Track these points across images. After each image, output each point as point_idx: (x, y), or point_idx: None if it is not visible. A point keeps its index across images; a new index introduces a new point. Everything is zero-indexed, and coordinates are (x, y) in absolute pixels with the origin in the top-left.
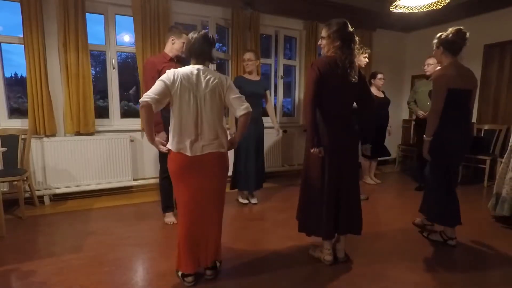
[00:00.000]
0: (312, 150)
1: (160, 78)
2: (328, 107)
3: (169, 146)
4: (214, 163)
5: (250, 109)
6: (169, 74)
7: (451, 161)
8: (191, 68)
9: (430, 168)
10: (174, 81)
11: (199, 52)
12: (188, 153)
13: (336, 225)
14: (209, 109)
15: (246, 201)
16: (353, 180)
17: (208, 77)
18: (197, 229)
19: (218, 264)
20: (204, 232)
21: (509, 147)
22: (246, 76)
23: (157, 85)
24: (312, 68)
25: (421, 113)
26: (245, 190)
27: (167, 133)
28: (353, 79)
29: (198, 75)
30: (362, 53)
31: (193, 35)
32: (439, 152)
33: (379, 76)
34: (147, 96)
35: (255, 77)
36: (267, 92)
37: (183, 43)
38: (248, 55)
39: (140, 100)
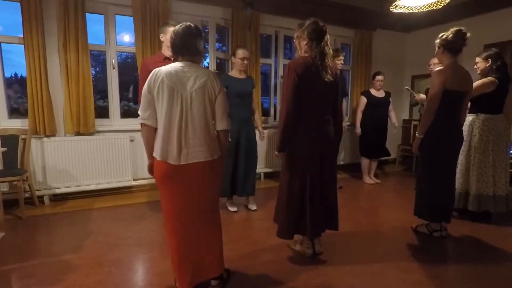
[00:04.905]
0: (276, 154)
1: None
2: (306, 108)
3: (154, 153)
4: (201, 174)
5: (230, 127)
6: (150, 75)
7: (443, 160)
8: (176, 65)
9: (421, 165)
10: (154, 81)
11: (181, 46)
12: (172, 161)
13: (318, 222)
14: (195, 111)
15: (235, 209)
16: (332, 179)
17: (195, 74)
18: (188, 244)
19: (225, 274)
20: (197, 245)
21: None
22: (233, 74)
23: (142, 97)
24: (289, 71)
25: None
26: (226, 195)
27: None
28: (327, 79)
29: (183, 71)
30: (337, 56)
31: (175, 28)
32: (431, 150)
33: (377, 77)
34: (140, 117)
35: (242, 75)
36: (254, 90)
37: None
38: (245, 53)
39: (138, 120)
